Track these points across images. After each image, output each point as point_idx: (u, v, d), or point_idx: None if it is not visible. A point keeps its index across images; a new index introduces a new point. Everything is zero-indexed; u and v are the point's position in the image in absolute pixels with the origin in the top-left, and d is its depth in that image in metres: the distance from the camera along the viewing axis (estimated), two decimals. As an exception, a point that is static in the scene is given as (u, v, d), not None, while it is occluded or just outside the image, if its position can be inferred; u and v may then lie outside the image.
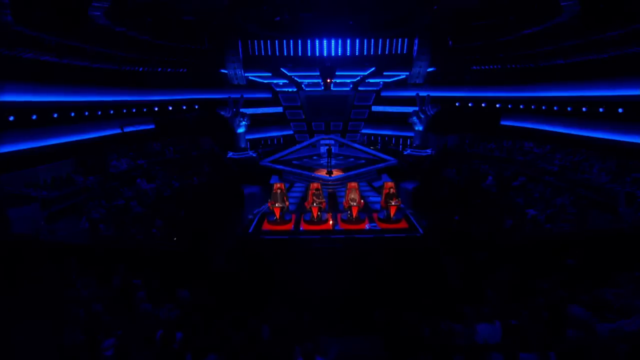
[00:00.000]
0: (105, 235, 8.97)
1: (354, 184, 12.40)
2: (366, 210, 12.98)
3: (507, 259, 7.49)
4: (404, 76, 22.46)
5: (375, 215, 12.48)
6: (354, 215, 11.71)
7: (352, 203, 11.76)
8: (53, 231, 8.81)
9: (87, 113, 15.59)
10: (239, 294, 5.88)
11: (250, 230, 11.20)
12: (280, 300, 5.14)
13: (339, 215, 12.44)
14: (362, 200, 12.18)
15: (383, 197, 12.17)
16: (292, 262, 8.66)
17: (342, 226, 11.67)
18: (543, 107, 17.76)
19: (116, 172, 14.78)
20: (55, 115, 13.64)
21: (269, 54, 20.02)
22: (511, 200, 13.63)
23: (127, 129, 18.24)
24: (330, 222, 11.97)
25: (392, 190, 12.08)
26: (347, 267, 8.37)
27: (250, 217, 13.59)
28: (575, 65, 15.57)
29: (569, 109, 16.18)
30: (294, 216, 12.53)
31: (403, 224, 11.73)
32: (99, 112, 16.45)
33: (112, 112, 17.31)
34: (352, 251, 9.88)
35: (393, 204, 11.62)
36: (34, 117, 12.52)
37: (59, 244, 6.52)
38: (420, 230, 11.21)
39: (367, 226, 11.65)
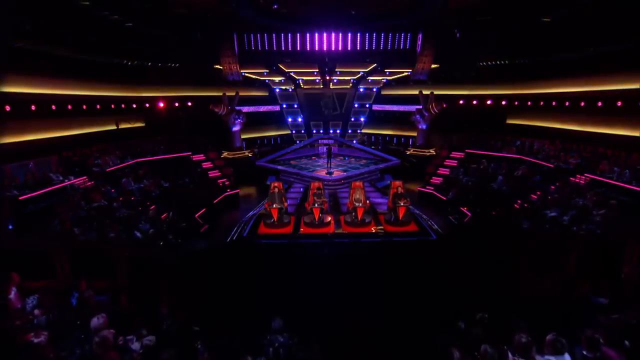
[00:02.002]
0: (79, 240, 7.88)
1: (358, 184, 11.42)
2: (371, 211, 11.98)
3: (540, 265, 6.52)
4: (406, 73, 21.60)
5: (381, 217, 11.49)
6: (359, 217, 10.70)
7: (357, 204, 10.75)
8: (20, 235, 7.72)
9: (70, 107, 14.51)
10: (230, 314, 4.85)
11: (245, 234, 10.16)
12: (281, 322, 4.12)
13: (342, 217, 11.43)
14: (367, 201, 11.18)
15: (390, 197, 11.19)
16: (291, 270, 7.61)
17: (346, 229, 10.65)
18: (553, 104, 16.97)
19: (100, 172, 13.65)
20: (33, 108, 12.54)
21: (266, 48, 19.06)
22: (526, 200, 12.71)
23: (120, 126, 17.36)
24: (333, 224, 10.96)
25: (400, 189, 11.11)
26: (354, 275, 7.34)
27: (245, 219, 12.57)
28: (589, 58, 14.79)
29: (582, 104, 15.38)
30: (293, 218, 11.51)
31: (413, 227, 10.75)
32: (84, 107, 15.37)
33: (98, 107, 16.25)
34: (359, 257, 8.86)
35: (402, 204, 10.64)
36: (8, 108, 11.41)
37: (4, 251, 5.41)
38: (432, 234, 10.24)
39: (374, 229, 10.65)
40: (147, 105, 19.20)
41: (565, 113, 16.35)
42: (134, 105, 18.45)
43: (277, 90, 24.13)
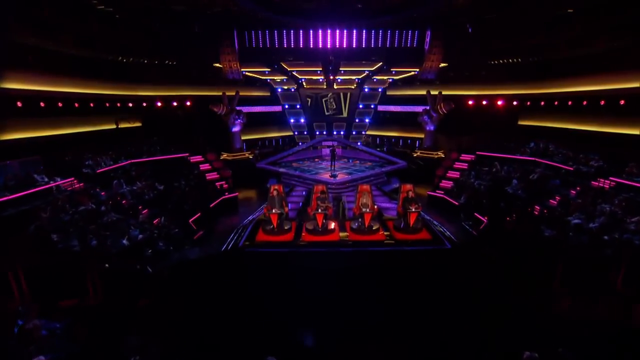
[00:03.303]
0: (54, 248, 7.06)
1: (366, 187, 10.54)
2: (377, 217, 11.10)
3: (577, 282, 5.64)
4: (413, 73, 20.77)
5: (390, 224, 10.61)
6: (367, 223, 9.82)
7: (364, 209, 9.87)
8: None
9: (60, 105, 13.79)
10: (218, 345, 4.00)
11: (240, 243, 9.30)
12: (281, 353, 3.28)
13: (347, 224, 10.55)
14: (375, 206, 10.31)
15: (400, 202, 10.32)
16: (291, 286, 6.74)
17: (352, 237, 9.77)
18: (569, 103, 16.06)
19: (91, 173, 12.90)
20: (19, 105, 11.82)
21: (267, 45, 18.29)
22: (544, 205, 11.83)
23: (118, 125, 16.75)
24: (338, 231, 10.08)
25: (410, 194, 10.23)
26: (363, 292, 6.49)
27: (245, 223, 11.77)
28: (609, 52, 13.89)
29: (602, 103, 14.46)
30: (294, 224, 10.65)
31: (424, 235, 9.85)
32: (76, 105, 14.65)
33: (92, 105, 15.53)
34: (368, 269, 8.00)
35: (413, 210, 9.75)
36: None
37: None
38: (447, 243, 9.35)
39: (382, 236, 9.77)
40: (145, 104, 18.52)
41: (582, 113, 15.47)
42: (130, 104, 17.75)
43: (279, 90, 23.40)
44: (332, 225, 10.21)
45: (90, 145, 14.65)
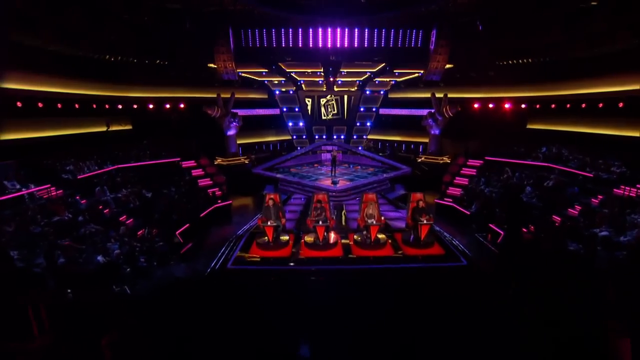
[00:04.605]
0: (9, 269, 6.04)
1: (371, 196, 9.55)
2: (385, 229, 10.10)
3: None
4: (417, 74, 19.92)
5: (398, 236, 9.60)
6: (373, 236, 8.81)
7: (369, 221, 8.88)
8: None
9: (41, 105, 12.79)
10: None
11: (231, 259, 8.27)
12: None
13: (350, 237, 9.54)
14: (382, 218, 9.31)
15: (409, 213, 9.33)
16: (288, 308, 5.76)
17: (357, 252, 8.75)
18: (583, 106, 15.18)
19: (71, 179, 11.88)
20: (-9, 106, 10.84)
21: (265, 45, 17.36)
22: (562, 215, 10.90)
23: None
24: (340, 245, 9.07)
25: (421, 203, 9.24)
26: (371, 314, 5.55)
27: (240, 233, 10.79)
28: (628, 52, 13.05)
29: (620, 105, 13.57)
30: (292, 237, 9.64)
31: (437, 249, 8.86)
32: (59, 106, 13.64)
33: (77, 106, 14.52)
34: (375, 287, 7.01)
35: (424, 222, 8.76)
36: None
37: None
38: (462, 259, 8.35)
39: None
40: (135, 106, 17.54)
41: (597, 116, 14.62)
42: (120, 106, 16.75)
43: (277, 92, 22.52)
44: (333, 238, 9.18)
45: (75, 149, 13.68)
